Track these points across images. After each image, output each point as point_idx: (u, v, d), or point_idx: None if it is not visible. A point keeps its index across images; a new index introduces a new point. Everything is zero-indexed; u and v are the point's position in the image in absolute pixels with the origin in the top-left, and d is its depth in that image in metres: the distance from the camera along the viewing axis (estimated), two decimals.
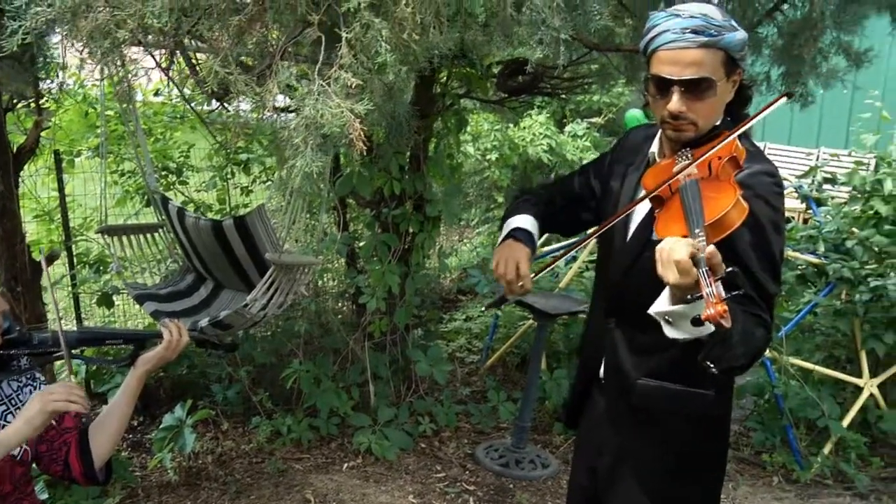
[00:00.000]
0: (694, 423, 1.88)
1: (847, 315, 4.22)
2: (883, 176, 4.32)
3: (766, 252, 1.66)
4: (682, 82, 1.69)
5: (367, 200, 4.10)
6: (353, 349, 4.16)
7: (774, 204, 1.68)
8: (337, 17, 1.81)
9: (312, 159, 1.83)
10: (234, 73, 1.80)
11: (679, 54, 1.68)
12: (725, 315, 1.33)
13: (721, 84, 1.70)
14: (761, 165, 1.71)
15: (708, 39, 1.66)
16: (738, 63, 1.73)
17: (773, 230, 1.67)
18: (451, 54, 2.24)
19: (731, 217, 1.53)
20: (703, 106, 1.72)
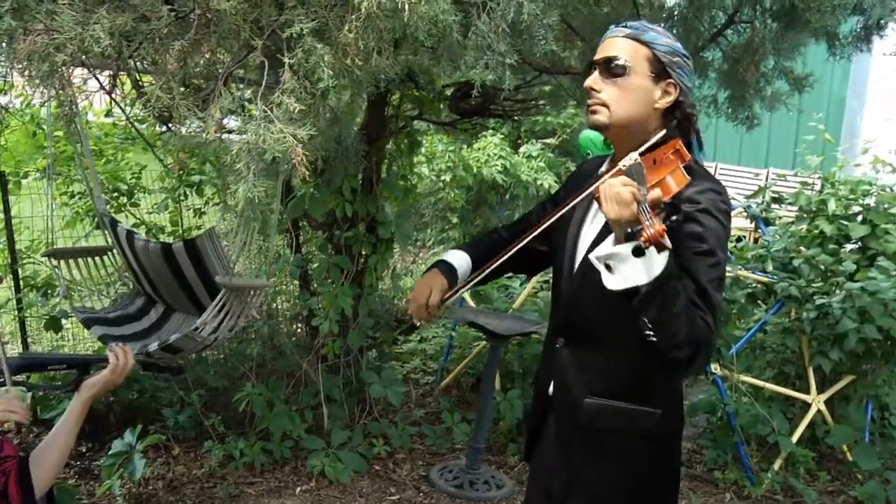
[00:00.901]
0: (644, 443, 1.88)
1: (795, 332, 4.28)
2: (827, 196, 4.41)
3: (710, 262, 1.69)
4: (599, 61, 1.82)
5: (319, 222, 4.07)
6: (306, 371, 4.11)
7: (720, 219, 1.72)
8: (280, 42, 1.80)
9: (255, 185, 1.81)
10: (176, 98, 1.78)
11: (608, 43, 1.83)
12: (664, 236, 1.39)
13: (641, 76, 1.79)
14: (709, 183, 1.76)
15: (631, 31, 1.80)
16: (668, 70, 1.80)
17: (718, 244, 1.70)
18: (399, 78, 2.23)
19: (671, 181, 1.61)
20: (615, 89, 1.80)
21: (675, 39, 1.84)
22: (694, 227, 1.69)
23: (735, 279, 4.36)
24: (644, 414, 1.85)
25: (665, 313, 1.57)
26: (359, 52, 1.76)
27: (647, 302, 1.56)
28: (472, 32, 2.01)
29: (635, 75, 1.78)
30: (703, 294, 1.66)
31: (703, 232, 1.68)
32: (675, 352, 1.61)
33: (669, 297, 1.56)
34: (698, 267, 1.67)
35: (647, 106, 1.81)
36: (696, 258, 1.68)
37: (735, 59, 3.16)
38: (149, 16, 1.76)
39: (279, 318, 4.63)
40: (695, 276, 1.67)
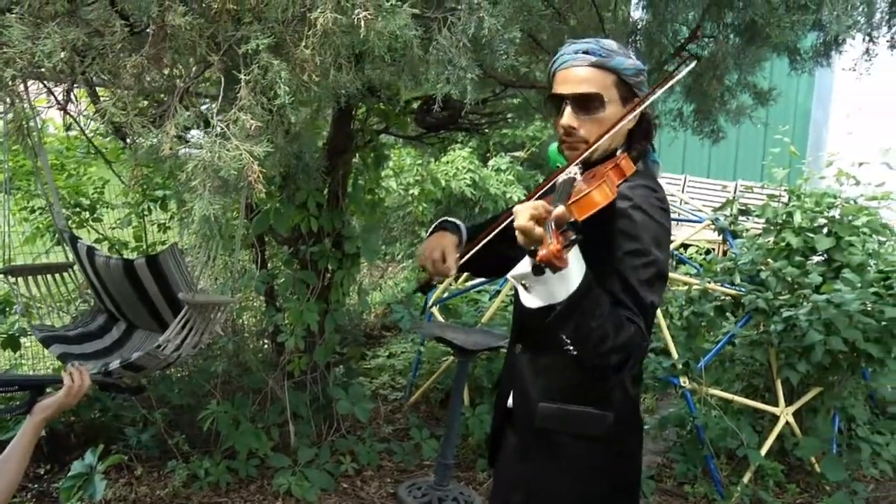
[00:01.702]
0: (599, 446, 1.87)
1: (763, 345, 4.29)
2: (793, 209, 4.44)
3: (643, 262, 1.67)
4: (572, 97, 1.77)
5: (284, 238, 4.04)
6: (272, 388, 4.06)
7: (654, 216, 1.71)
8: (237, 58, 1.78)
9: (211, 202, 1.78)
10: (130, 114, 1.75)
11: (572, 72, 1.78)
12: (559, 255, 1.36)
13: (613, 104, 1.77)
14: (644, 180, 1.76)
15: (597, 59, 1.76)
16: (635, 90, 1.80)
17: (652, 241, 1.69)
18: (361, 93, 2.22)
19: (595, 197, 1.58)
20: (593, 123, 1.78)
21: (631, 54, 1.83)
22: (624, 223, 1.68)
23: (703, 292, 4.38)
24: (596, 417, 1.84)
25: (584, 327, 1.55)
26: (316, 68, 1.75)
27: (562, 319, 1.54)
28: (433, 47, 2.01)
29: (611, 106, 1.77)
30: (633, 295, 1.65)
31: (633, 228, 1.68)
32: (599, 360, 1.61)
33: (587, 312, 1.54)
34: (628, 266, 1.66)
35: (622, 132, 1.81)
36: (626, 257, 1.67)
37: (698, 74, 3.18)
38: (102, 31, 1.73)
39: (244, 334, 4.57)
40: (624, 276, 1.66)
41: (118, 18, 1.77)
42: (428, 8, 2.03)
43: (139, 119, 1.77)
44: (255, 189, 1.82)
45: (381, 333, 6.51)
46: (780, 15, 2.82)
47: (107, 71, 1.84)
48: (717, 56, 3.04)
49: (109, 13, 1.76)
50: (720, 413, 4.23)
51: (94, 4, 1.75)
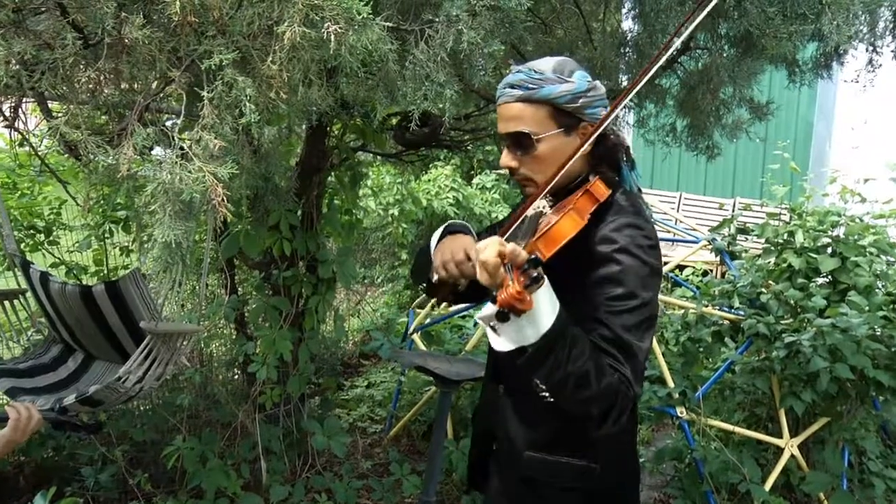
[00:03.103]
0: (586, 499, 1.85)
1: (765, 372, 4.25)
2: (794, 228, 4.43)
3: (630, 306, 1.65)
4: (506, 136, 1.78)
5: (255, 261, 4.02)
6: (242, 422, 4.03)
7: (641, 257, 1.68)
8: (200, 73, 1.78)
9: (172, 227, 1.77)
10: (83, 133, 1.73)
11: (504, 109, 1.78)
12: (520, 297, 1.35)
13: (551, 137, 1.75)
14: (629, 219, 1.72)
15: (523, 93, 1.74)
16: (578, 115, 1.76)
17: (639, 283, 1.66)
18: (334, 110, 2.21)
19: (562, 227, 1.58)
20: (532, 161, 1.77)
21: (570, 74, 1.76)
22: (610, 268, 1.66)
23: (700, 316, 4.38)
24: (582, 469, 1.83)
25: (559, 372, 1.53)
26: (284, 85, 1.74)
27: (533, 363, 1.52)
28: (410, 62, 2.01)
29: (546, 140, 1.75)
30: (618, 342, 1.62)
31: (619, 273, 1.65)
32: (578, 408, 1.59)
33: (562, 354, 1.52)
34: (613, 312, 1.64)
35: (568, 158, 1.76)
36: (610, 303, 1.65)
37: (691, 87, 3.20)
38: (52, 43, 1.72)
39: (213, 364, 4.54)
40: (608, 323, 1.63)
41: (70, 30, 1.75)
42: (404, 20, 2.04)
43: (94, 138, 1.75)
44: (220, 212, 1.80)
45: (360, 362, 6.48)
46: (777, 25, 2.84)
47: (59, 85, 1.83)
48: (711, 69, 3.06)
49: (61, 24, 1.75)
50: (720, 445, 4.20)
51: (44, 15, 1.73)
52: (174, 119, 1.90)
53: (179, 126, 1.83)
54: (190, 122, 1.91)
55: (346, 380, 5.96)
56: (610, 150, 1.85)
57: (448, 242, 1.84)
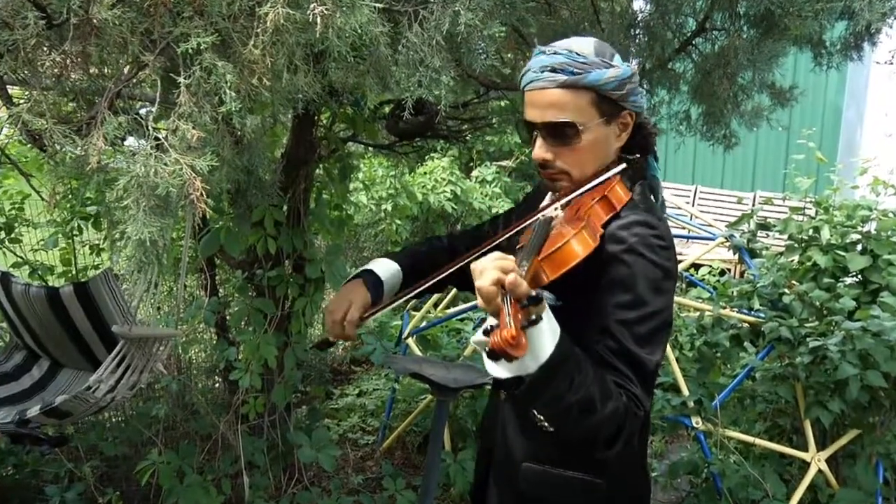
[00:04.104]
0: None
1: (788, 380, 4.22)
2: (820, 223, 4.40)
3: (640, 315, 1.63)
4: (543, 126, 1.74)
5: (238, 261, 4.01)
6: (223, 434, 4.03)
7: (652, 258, 1.66)
8: (176, 58, 1.77)
9: (146, 224, 1.77)
10: (48, 122, 1.73)
11: (538, 95, 1.73)
12: (514, 342, 1.32)
13: (594, 127, 1.73)
14: (638, 216, 1.71)
15: (567, 78, 1.69)
16: (621, 104, 1.75)
17: (650, 289, 1.65)
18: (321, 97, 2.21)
19: (571, 250, 1.55)
20: (571, 153, 1.75)
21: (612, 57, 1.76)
22: (616, 271, 1.64)
23: (717, 319, 4.37)
24: (584, 483, 1.81)
25: (561, 403, 1.50)
26: (267, 70, 1.74)
27: (532, 394, 1.50)
28: (403, 45, 2.01)
29: (589, 131, 1.73)
30: (626, 355, 1.61)
31: (627, 276, 1.64)
32: (583, 436, 1.58)
33: (563, 387, 1.49)
34: (621, 321, 1.63)
35: (609, 151, 1.79)
36: (618, 311, 1.63)
37: (706, 72, 3.19)
38: (11, 23, 1.71)
39: (191, 372, 4.54)
40: (616, 333, 1.62)
41: (31, 8, 1.74)
42: (396, 1, 2.04)
43: (61, 127, 1.75)
44: (199, 208, 1.80)
45: (350, 369, 6.48)
46: (801, 3, 2.82)
47: (20, 69, 1.83)
48: (729, 51, 3.05)
49: (20, 2, 1.74)
50: (740, 459, 4.19)
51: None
52: (148, 107, 1.90)
53: (154, 114, 1.83)
54: (165, 110, 1.90)
55: (336, 388, 5.96)
56: (646, 138, 1.85)
57: (341, 293, 2.01)
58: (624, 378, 1.60)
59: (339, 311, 1.93)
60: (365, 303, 1.97)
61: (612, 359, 1.60)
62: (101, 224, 4.43)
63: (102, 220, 4.40)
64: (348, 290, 2.00)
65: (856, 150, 9.93)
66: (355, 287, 2.00)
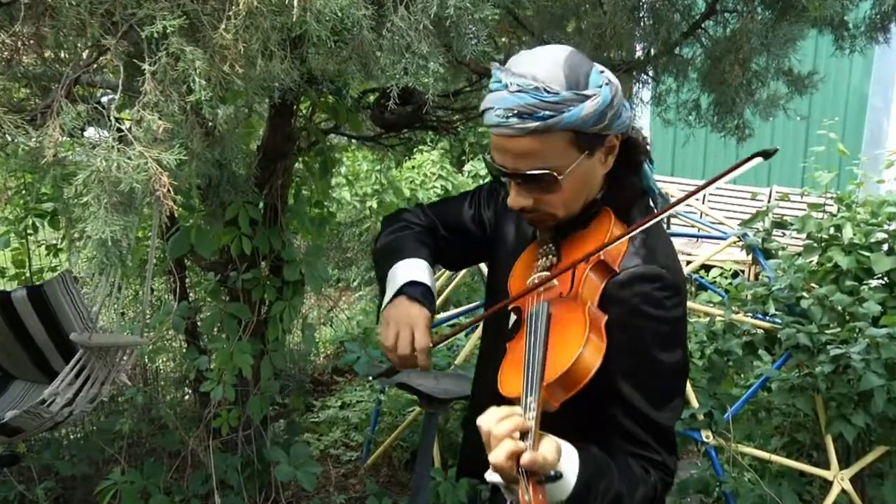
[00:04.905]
0: None
1: (807, 391, 4.19)
2: (842, 221, 4.38)
3: (652, 374, 1.63)
4: (516, 176, 1.66)
5: (209, 262, 4.01)
6: (193, 451, 4.02)
7: (660, 316, 1.63)
8: (140, 42, 1.77)
9: (108, 222, 1.76)
10: None
11: (506, 143, 1.63)
12: None
13: (577, 166, 1.65)
14: (640, 268, 1.66)
15: (538, 125, 1.58)
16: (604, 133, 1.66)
17: (662, 348, 1.63)
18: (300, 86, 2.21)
19: (584, 365, 1.49)
20: (554, 197, 1.68)
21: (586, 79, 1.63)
22: (623, 337, 1.60)
23: (730, 325, 4.37)
24: None
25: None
26: (240, 57, 1.74)
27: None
28: (387, 30, 2.00)
29: (571, 173, 1.65)
30: (645, 423, 1.61)
31: (635, 341, 1.61)
32: None
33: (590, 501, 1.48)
34: (635, 387, 1.62)
35: (596, 182, 1.75)
36: (630, 376, 1.62)
37: (717, 57, 3.19)
38: None
39: (159, 383, 4.53)
40: (631, 402, 1.61)
41: None
42: None
43: (12, 116, 1.74)
44: (166, 205, 1.80)
45: (332, 379, 6.48)
46: None
47: None
48: (741, 35, 3.04)
49: None
50: (755, 477, 4.18)
51: None
52: (110, 95, 1.89)
53: (117, 103, 1.83)
54: (129, 98, 1.90)
55: (317, 399, 5.96)
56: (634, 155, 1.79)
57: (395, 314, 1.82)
58: (645, 448, 1.61)
59: (405, 345, 1.76)
60: (427, 323, 1.81)
61: (629, 426, 1.60)
62: (58, 222, 4.40)
63: (60, 217, 4.38)
64: (402, 314, 1.82)
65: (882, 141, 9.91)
66: (408, 308, 1.83)
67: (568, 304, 1.61)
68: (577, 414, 1.56)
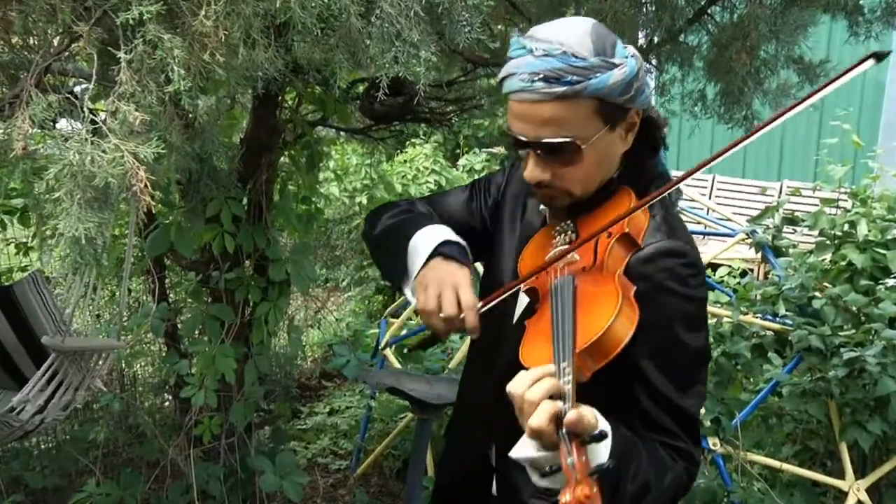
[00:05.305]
0: None
1: (820, 396, 4.19)
2: (856, 217, 4.38)
3: (677, 357, 1.64)
4: (537, 145, 1.66)
5: (190, 261, 4.00)
6: (173, 460, 4.02)
7: (686, 293, 1.64)
8: (115, 29, 1.76)
9: (81, 219, 1.76)
10: None
11: (530, 109, 1.63)
12: (591, 500, 1.26)
13: (600, 137, 1.66)
14: (663, 243, 1.67)
15: (566, 90, 1.59)
16: (627, 106, 1.68)
17: (687, 328, 1.64)
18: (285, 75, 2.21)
19: (616, 333, 1.49)
20: (574, 171, 1.68)
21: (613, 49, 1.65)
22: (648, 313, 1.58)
23: (738, 326, 4.36)
24: None
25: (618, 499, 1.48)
26: (220, 45, 1.73)
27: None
28: (377, 17, 2.00)
29: (593, 145, 1.66)
30: (669, 407, 1.61)
31: (660, 319, 1.61)
32: None
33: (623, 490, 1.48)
34: (660, 369, 1.62)
35: (615, 159, 1.76)
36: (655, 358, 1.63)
37: (723, 45, 3.19)
38: None
39: (136, 389, 4.52)
40: (656, 386, 1.61)
41: None
42: None
43: None
44: (143, 201, 1.79)
45: (321, 384, 6.48)
46: None
47: None
48: (748, 21, 3.04)
49: None
50: (765, 486, 4.17)
51: None
52: (83, 84, 1.88)
53: (90, 94, 1.82)
54: (104, 89, 1.89)
55: (304, 405, 5.96)
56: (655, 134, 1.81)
57: (434, 275, 1.75)
58: (671, 436, 1.61)
59: (451, 304, 1.68)
60: (471, 282, 1.75)
61: (653, 412, 1.61)
62: (28, 219, 4.39)
63: (30, 214, 4.37)
64: (442, 273, 1.75)
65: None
66: (447, 267, 1.76)
67: (594, 276, 1.61)
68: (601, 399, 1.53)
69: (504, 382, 1.70)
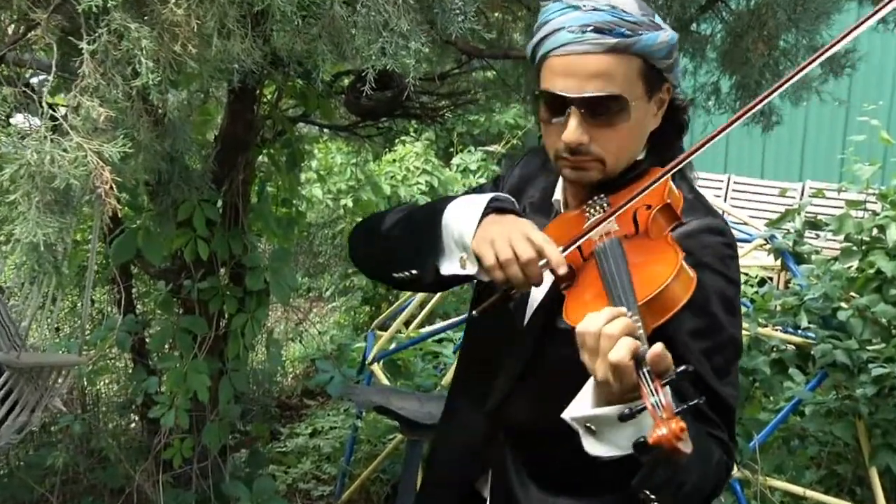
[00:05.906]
0: None
1: (846, 416, 4.19)
2: (885, 220, 4.34)
3: (716, 343, 1.65)
4: (582, 101, 1.66)
5: (159, 269, 3.99)
6: (140, 486, 4.01)
7: (726, 274, 1.67)
8: (76, 16, 1.76)
9: (40, 223, 1.75)
10: None
11: (577, 62, 1.66)
12: (684, 436, 1.28)
13: (639, 104, 1.70)
14: (704, 220, 1.70)
15: (618, 41, 1.63)
16: (665, 75, 1.73)
17: (727, 311, 1.66)
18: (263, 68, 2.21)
19: (674, 292, 1.50)
20: (613, 135, 1.70)
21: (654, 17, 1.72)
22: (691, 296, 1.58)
23: (756, 340, 4.34)
24: None
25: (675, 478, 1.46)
26: (192, 35, 1.73)
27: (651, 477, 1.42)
28: (362, 5, 2.00)
29: (636, 108, 1.69)
30: (710, 395, 1.58)
31: (701, 298, 1.59)
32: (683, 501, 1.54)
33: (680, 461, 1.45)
34: (698, 354, 1.62)
35: (646, 134, 1.79)
36: (696, 340, 1.63)
37: (738, 34, 3.19)
38: None
39: (100, 409, 4.51)
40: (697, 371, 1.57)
41: None
42: None
43: None
44: (108, 204, 1.79)
45: (302, 402, 6.48)
46: None
47: None
48: (765, 9, 3.05)
49: None
50: None
51: None
52: (42, 76, 1.88)
53: (49, 87, 1.82)
54: (65, 81, 1.89)
55: (284, 426, 5.95)
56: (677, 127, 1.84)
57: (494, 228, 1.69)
58: (710, 424, 1.62)
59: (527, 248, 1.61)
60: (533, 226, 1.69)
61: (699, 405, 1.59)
62: None
63: None
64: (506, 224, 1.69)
65: None
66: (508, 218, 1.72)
67: (640, 241, 1.62)
68: None
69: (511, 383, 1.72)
